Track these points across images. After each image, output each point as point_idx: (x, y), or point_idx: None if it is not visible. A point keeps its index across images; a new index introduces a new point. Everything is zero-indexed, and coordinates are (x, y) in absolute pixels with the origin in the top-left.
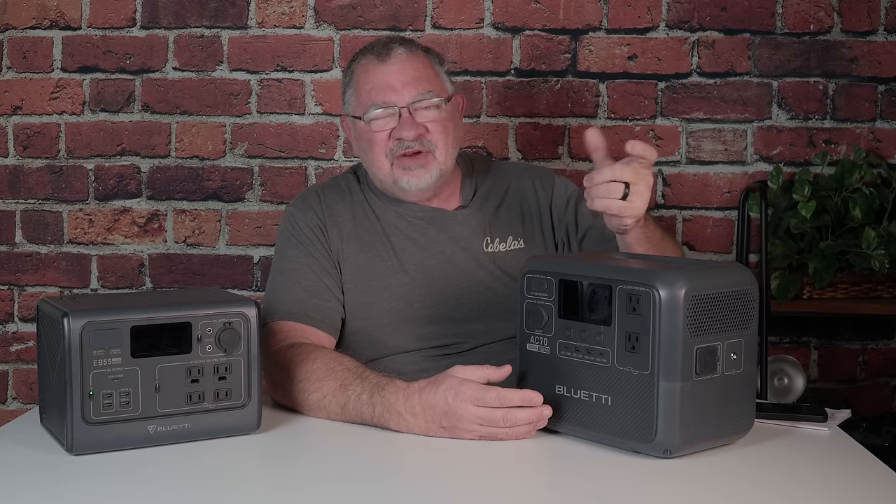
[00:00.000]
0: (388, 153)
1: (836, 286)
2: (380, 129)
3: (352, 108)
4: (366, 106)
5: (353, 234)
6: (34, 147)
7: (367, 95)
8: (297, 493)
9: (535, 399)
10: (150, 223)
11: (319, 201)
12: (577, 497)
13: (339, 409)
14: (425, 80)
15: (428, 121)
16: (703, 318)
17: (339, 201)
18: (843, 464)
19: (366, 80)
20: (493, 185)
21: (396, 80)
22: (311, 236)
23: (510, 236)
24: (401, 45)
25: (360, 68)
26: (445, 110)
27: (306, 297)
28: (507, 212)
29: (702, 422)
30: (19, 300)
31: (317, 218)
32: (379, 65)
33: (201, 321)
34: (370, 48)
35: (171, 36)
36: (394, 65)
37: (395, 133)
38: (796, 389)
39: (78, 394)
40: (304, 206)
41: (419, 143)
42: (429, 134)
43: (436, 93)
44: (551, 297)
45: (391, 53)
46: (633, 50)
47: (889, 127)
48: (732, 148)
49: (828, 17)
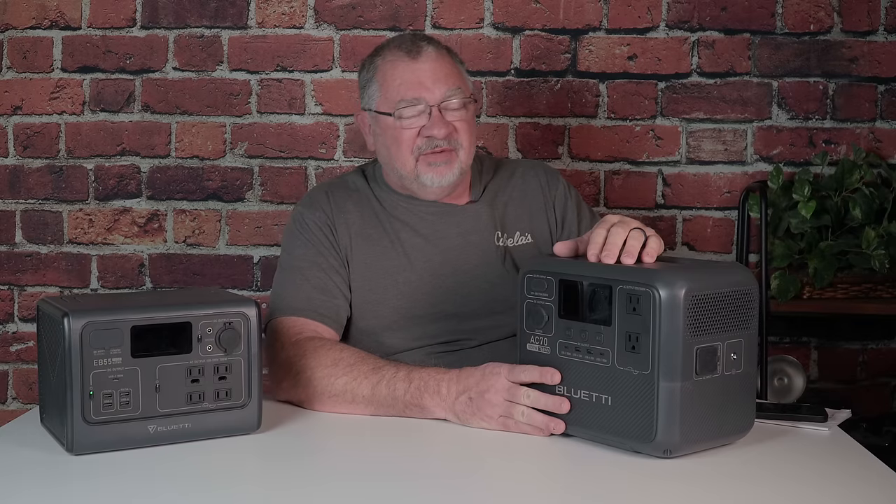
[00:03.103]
0: (415, 150)
1: (836, 286)
2: (409, 125)
3: (375, 104)
4: (394, 102)
5: (361, 232)
6: (34, 147)
7: (397, 91)
8: (297, 493)
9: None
10: (150, 223)
11: (328, 199)
12: (578, 497)
13: (369, 389)
14: (454, 78)
15: (456, 120)
16: (704, 318)
17: (347, 199)
18: (843, 464)
19: (394, 75)
20: (502, 182)
21: (428, 77)
22: (319, 235)
23: (518, 231)
24: (429, 43)
25: (387, 64)
26: (469, 110)
27: (315, 294)
28: (516, 207)
29: (702, 422)
30: (19, 300)
31: (325, 216)
32: (410, 61)
33: (201, 321)
34: (396, 44)
35: (171, 36)
36: (425, 63)
37: (424, 131)
38: (796, 389)
39: (78, 394)
40: (313, 204)
41: (447, 141)
42: (456, 133)
43: (463, 89)
44: (551, 297)
45: (421, 51)
46: (633, 50)
47: (889, 127)
48: (732, 148)
49: (828, 17)
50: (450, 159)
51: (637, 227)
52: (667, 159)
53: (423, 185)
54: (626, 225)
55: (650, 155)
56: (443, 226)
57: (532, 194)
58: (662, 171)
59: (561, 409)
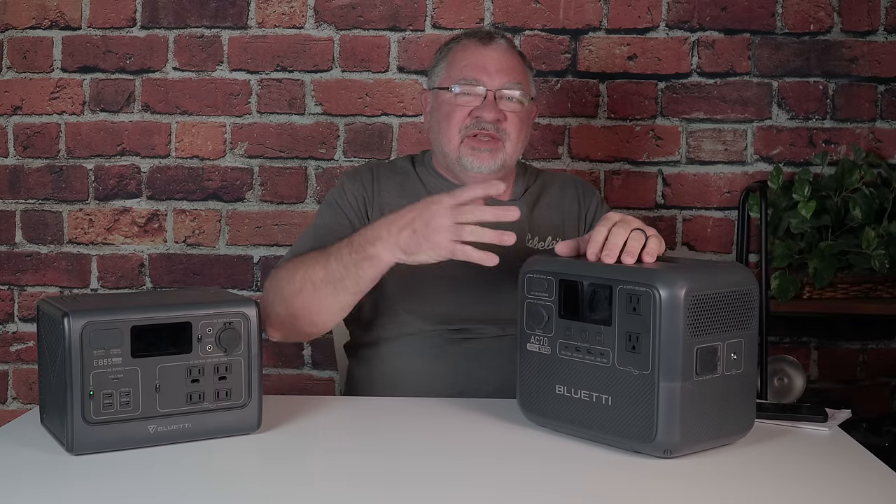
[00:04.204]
0: (463, 129)
1: (836, 286)
2: (463, 103)
3: (439, 80)
4: (455, 79)
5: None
6: (34, 147)
7: (460, 70)
8: (297, 493)
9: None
10: (150, 223)
11: (372, 176)
12: (578, 497)
13: (322, 270)
14: (517, 73)
15: (509, 110)
16: (704, 318)
17: (391, 180)
18: (843, 464)
19: (463, 56)
20: (542, 187)
21: (492, 64)
22: (353, 204)
23: (549, 236)
24: (503, 38)
25: (460, 47)
26: (525, 109)
27: (330, 244)
28: (551, 212)
29: (702, 422)
30: (19, 300)
31: (363, 190)
32: (480, 47)
33: (201, 321)
34: (473, 33)
35: (171, 36)
36: (493, 51)
37: (475, 112)
38: (796, 389)
39: (78, 394)
40: (356, 176)
41: (494, 127)
42: (506, 122)
43: (523, 87)
44: (551, 296)
45: (493, 41)
46: (633, 50)
47: (889, 127)
48: (732, 148)
49: (828, 17)
50: (495, 148)
51: (638, 227)
52: (667, 159)
53: (464, 167)
54: (627, 224)
55: (650, 155)
56: None
57: (568, 203)
58: (662, 171)
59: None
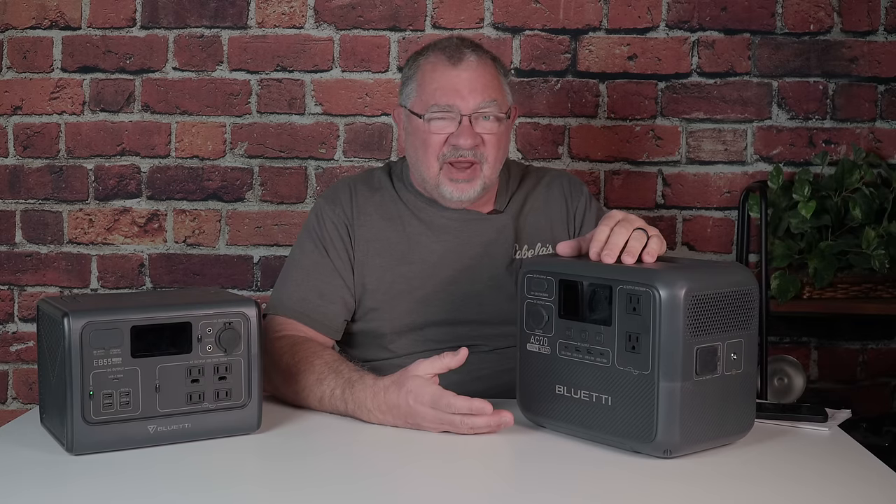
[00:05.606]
0: (440, 157)
1: (836, 286)
2: (438, 130)
3: (411, 103)
4: (427, 105)
5: (379, 237)
6: (34, 147)
7: (432, 95)
8: (297, 493)
9: (483, 409)
10: (150, 223)
11: (350, 197)
12: (578, 497)
13: (316, 402)
14: (492, 90)
15: (485, 132)
16: (704, 318)
17: (370, 199)
18: (843, 464)
19: (432, 78)
20: (528, 192)
21: (464, 86)
22: (333, 233)
23: (539, 243)
24: (472, 51)
25: (428, 65)
26: (503, 125)
27: (312, 297)
28: (538, 218)
29: (702, 422)
30: (19, 300)
31: (344, 215)
32: (449, 67)
33: (201, 321)
34: (440, 47)
35: (171, 36)
36: (464, 71)
37: (451, 139)
38: (796, 389)
39: (78, 394)
40: (335, 200)
41: (472, 153)
42: (483, 146)
43: (499, 104)
44: (551, 297)
45: (463, 58)
46: (633, 50)
47: (889, 127)
48: (732, 148)
49: (828, 17)
50: (473, 175)
51: (640, 227)
52: (667, 159)
53: (443, 195)
54: (629, 224)
55: (650, 155)
56: (465, 234)
57: (555, 205)
58: (662, 171)
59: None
